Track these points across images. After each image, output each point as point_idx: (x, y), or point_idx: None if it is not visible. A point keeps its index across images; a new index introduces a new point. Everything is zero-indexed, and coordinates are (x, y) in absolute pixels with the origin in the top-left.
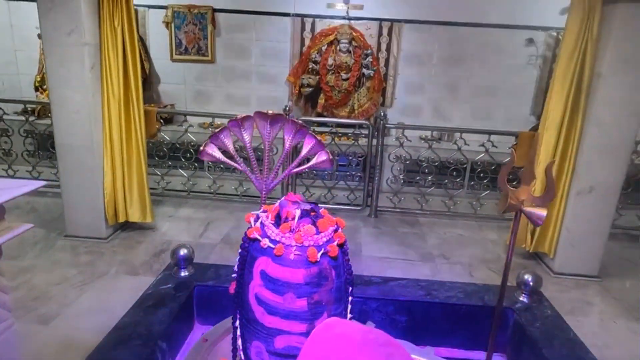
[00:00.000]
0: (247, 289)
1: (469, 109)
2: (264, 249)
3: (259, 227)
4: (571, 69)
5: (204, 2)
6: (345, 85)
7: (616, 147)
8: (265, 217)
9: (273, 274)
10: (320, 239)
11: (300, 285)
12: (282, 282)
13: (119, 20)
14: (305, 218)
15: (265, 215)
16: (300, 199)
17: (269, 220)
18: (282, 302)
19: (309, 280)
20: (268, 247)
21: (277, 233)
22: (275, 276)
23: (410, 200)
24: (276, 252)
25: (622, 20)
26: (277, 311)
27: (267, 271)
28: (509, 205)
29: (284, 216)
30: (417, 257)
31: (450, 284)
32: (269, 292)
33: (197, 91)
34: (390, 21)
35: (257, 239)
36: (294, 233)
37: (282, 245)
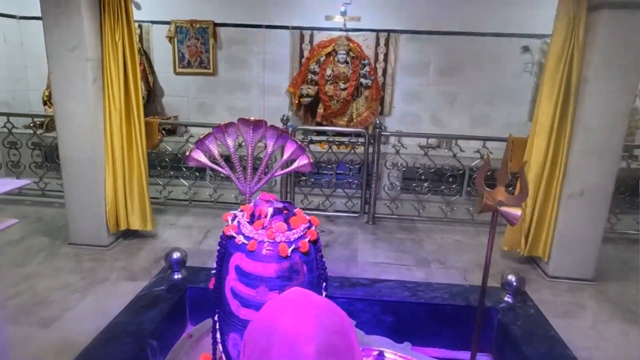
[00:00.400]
0: (224, 283)
1: (467, 117)
2: (238, 245)
3: (235, 225)
4: (559, 75)
5: (205, 17)
6: (344, 94)
7: (605, 151)
8: (241, 216)
9: (246, 268)
10: (291, 235)
11: (272, 279)
12: (254, 276)
13: (119, 36)
14: (277, 216)
15: (241, 214)
16: (274, 198)
17: (244, 218)
18: (255, 295)
19: (281, 274)
20: (242, 243)
21: (250, 230)
22: (249, 270)
23: (408, 207)
24: (249, 248)
25: (606, 26)
26: (250, 304)
27: (241, 266)
28: (485, 205)
29: (257, 214)
30: (412, 262)
31: (436, 285)
32: (243, 286)
33: (199, 103)
34: (387, 32)
35: (233, 236)
36: (266, 230)
37: (255, 241)
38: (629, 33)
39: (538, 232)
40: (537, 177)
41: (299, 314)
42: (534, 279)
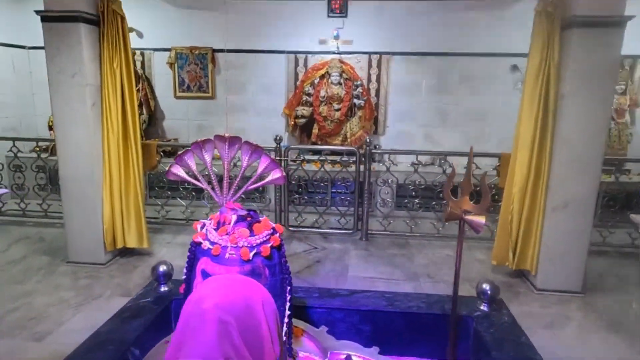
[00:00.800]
0: (192, 287)
1: (460, 134)
2: (204, 250)
3: (203, 232)
4: (537, 91)
5: (204, 43)
6: (338, 115)
7: (585, 163)
8: (209, 224)
9: (211, 271)
10: (254, 240)
11: None
12: None
13: (117, 63)
14: (241, 222)
15: (209, 222)
16: (239, 206)
17: (211, 226)
18: None
19: None
20: (208, 248)
21: (215, 236)
22: (213, 273)
23: (401, 223)
24: (213, 252)
25: (578, 44)
26: None
27: (206, 269)
28: (450, 214)
29: (222, 221)
30: (402, 276)
31: (414, 295)
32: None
33: (199, 125)
34: (379, 54)
35: (200, 243)
36: (229, 235)
37: (219, 246)
38: (599, 50)
39: (525, 246)
40: (522, 191)
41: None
42: (523, 292)
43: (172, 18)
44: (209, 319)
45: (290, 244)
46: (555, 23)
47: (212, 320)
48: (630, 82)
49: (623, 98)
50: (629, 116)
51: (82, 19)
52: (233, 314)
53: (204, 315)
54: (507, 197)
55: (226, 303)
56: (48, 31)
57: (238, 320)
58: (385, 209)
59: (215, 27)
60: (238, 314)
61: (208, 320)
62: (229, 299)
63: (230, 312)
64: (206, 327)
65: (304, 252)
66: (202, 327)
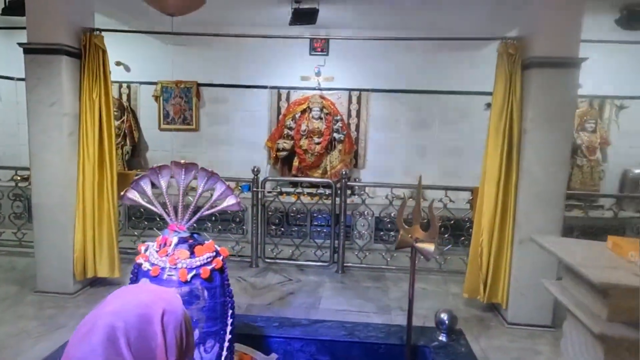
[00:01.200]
0: None
1: (438, 168)
2: (145, 271)
3: (146, 254)
4: (502, 127)
5: (189, 77)
6: (318, 148)
7: (549, 197)
8: (152, 246)
9: None
10: (194, 262)
11: None
12: None
13: (97, 94)
14: (182, 244)
15: (152, 244)
16: (182, 228)
17: (154, 247)
18: None
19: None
20: (147, 269)
21: (156, 257)
22: None
23: (377, 256)
24: (152, 273)
25: (537, 83)
26: None
27: None
28: (401, 241)
29: (163, 243)
30: (374, 309)
31: (374, 325)
32: None
33: (182, 157)
34: (358, 90)
35: (142, 263)
36: (169, 257)
37: (158, 267)
38: (556, 89)
39: (495, 279)
40: (490, 224)
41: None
42: (494, 325)
43: (159, 53)
44: (100, 324)
45: (265, 275)
46: (516, 63)
47: (102, 325)
48: (599, 121)
49: (594, 136)
50: (600, 153)
51: (63, 51)
52: (125, 320)
53: (96, 319)
54: (476, 230)
55: (121, 309)
56: (30, 62)
57: (129, 326)
58: (362, 242)
59: (200, 62)
60: (131, 321)
61: (98, 325)
62: (126, 306)
63: (122, 318)
64: (95, 331)
65: (278, 283)
66: (91, 331)
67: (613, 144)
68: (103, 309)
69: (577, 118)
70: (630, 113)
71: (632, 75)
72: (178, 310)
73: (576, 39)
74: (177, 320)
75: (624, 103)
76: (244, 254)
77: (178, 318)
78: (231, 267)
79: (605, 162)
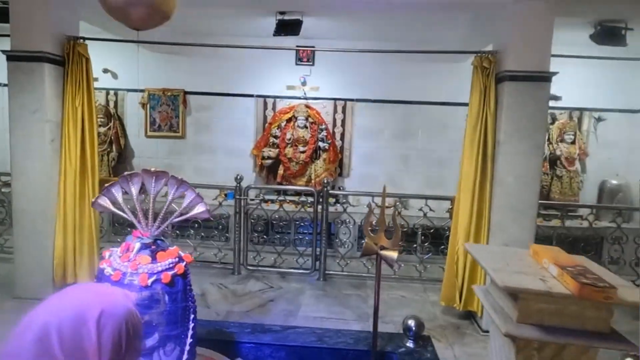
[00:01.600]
0: None
1: (422, 178)
2: (107, 276)
3: (109, 260)
4: (476, 138)
5: (176, 85)
6: (303, 157)
7: (522, 207)
8: (116, 251)
9: None
10: (155, 267)
11: None
12: None
13: (79, 101)
14: (144, 250)
15: (117, 250)
16: (146, 235)
17: (117, 253)
18: None
19: (140, 302)
20: (109, 274)
21: (118, 262)
22: None
23: (359, 264)
24: (113, 278)
25: (510, 95)
26: None
27: None
28: (366, 249)
29: (126, 249)
30: (352, 316)
31: (345, 331)
32: None
33: (168, 164)
34: (344, 100)
35: (104, 268)
36: (130, 262)
37: (120, 271)
38: (528, 102)
39: (471, 287)
40: (466, 232)
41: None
42: (469, 333)
43: (146, 61)
44: (36, 321)
45: (247, 283)
46: (490, 76)
47: (37, 322)
48: (578, 133)
49: (573, 147)
50: (579, 164)
51: (46, 59)
52: (60, 319)
53: (33, 317)
54: (453, 238)
55: (59, 308)
56: (13, 69)
57: (63, 325)
58: (344, 250)
59: (187, 70)
60: (66, 320)
61: (34, 322)
62: (64, 305)
63: (57, 317)
64: (29, 328)
65: (259, 291)
66: (26, 328)
67: (592, 155)
68: (42, 307)
69: (556, 130)
70: (608, 125)
71: (609, 88)
72: (119, 312)
73: (547, 54)
74: (116, 321)
75: (602, 115)
76: (226, 261)
77: (118, 319)
78: (213, 274)
79: (584, 173)
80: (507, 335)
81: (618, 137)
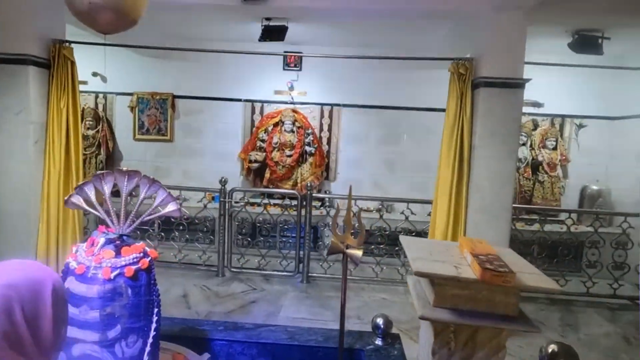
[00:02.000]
0: None
1: (407, 182)
2: (72, 270)
3: (75, 254)
4: (453, 142)
5: (165, 89)
6: (289, 161)
7: (497, 210)
8: (82, 246)
9: (74, 289)
10: (119, 261)
11: (94, 299)
12: (79, 296)
13: (64, 103)
14: (109, 245)
15: (83, 245)
16: (112, 230)
17: (83, 248)
18: (77, 313)
19: (103, 295)
20: (74, 267)
21: (83, 257)
22: (75, 291)
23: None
24: (77, 271)
25: (485, 101)
26: (74, 322)
27: (70, 288)
28: (332, 247)
29: (91, 243)
30: (332, 317)
31: (318, 330)
32: (70, 306)
33: (156, 167)
34: (330, 105)
35: (70, 262)
36: (95, 256)
37: (83, 265)
38: (503, 107)
39: None
40: (443, 235)
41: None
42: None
43: (136, 65)
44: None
45: (230, 284)
46: (466, 82)
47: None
48: (560, 139)
49: (554, 153)
50: (561, 170)
51: (31, 62)
52: (19, 293)
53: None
54: None
55: (16, 283)
56: None
57: (24, 299)
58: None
59: (176, 74)
60: (25, 294)
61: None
62: (20, 280)
63: (16, 291)
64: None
65: (242, 292)
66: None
67: (573, 161)
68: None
69: (538, 136)
70: (589, 132)
71: (590, 96)
72: (63, 286)
73: (520, 61)
74: (63, 294)
75: (583, 122)
76: (211, 264)
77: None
78: (197, 276)
79: (566, 179)
80: (422, 317)
81: (598, 143)
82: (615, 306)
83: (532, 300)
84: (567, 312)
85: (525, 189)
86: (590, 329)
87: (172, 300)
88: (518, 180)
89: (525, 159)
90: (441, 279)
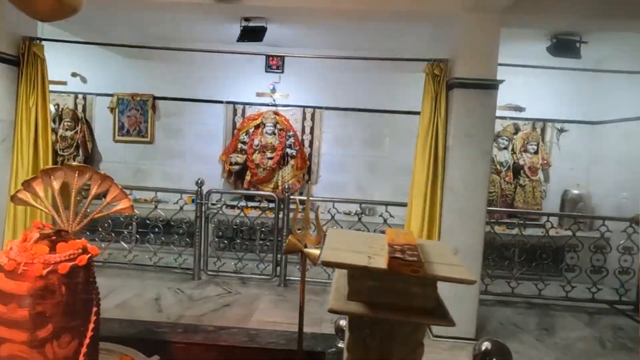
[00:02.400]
0: None
1: (390, 186)
2: (1, 266)
3: (7, 250)
4: (428, 144)
5: (146, 90)
6: (270, 163)
7: (471, 212)
8: (16, 242)
9: (3, 287)
10: (52, 258)
11: (24, 297)
12: (7, 293)
13: (33, 101)
14: (43, 240)
15: (17, 241)
16: (48, 226)
17: (16, 244)
18: (6, 311)
19: (34, 293)
20: (4, 263)
21: (16, 252)
22: (4, 288)
23: (320, 270)
24: (7, 267)
25: (459, 102)
26: (1, 321)
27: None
28: (289, 246)
29: (25, 239)
30: (306, 321)
31: (280, 332)
32: None
33: (136, 169)
34: (312, 108)
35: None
36: (27, 252)
37: (15, 261)
38: (477, 108)
39: None
40: (418, 236)
41: None
42: None
43: (116, 65)
44: None
45: (205, 288)
46: (441, 84)
47: None
48: (541, 143)
49: (535, 157)
50: (542, 174)
51: None
52: None
53: None
54: None
55: None
56: None
57: None
58: None
59: (157, 75)
60: None
61: None
62: None
63: None
64: None
65: (217, 296)
66: None
67: (554, 165)
68: None
69: (520, 140)
70: (570, 136)
71: (570, 100)
72: None
73: (494, 62)
74: None
75: (564, 126)
76: (187, 266)
77: None
78: (172, 279)
79: (547, 183)
80: (331, 310)
81: (579, 148)
82: (593, 310)
83: (511, 305)
84: (545, 316)
85: (506, 192)
86: (566, 333)
87: (144, 304)
88: (499, 184)
89: (506, 163)
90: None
